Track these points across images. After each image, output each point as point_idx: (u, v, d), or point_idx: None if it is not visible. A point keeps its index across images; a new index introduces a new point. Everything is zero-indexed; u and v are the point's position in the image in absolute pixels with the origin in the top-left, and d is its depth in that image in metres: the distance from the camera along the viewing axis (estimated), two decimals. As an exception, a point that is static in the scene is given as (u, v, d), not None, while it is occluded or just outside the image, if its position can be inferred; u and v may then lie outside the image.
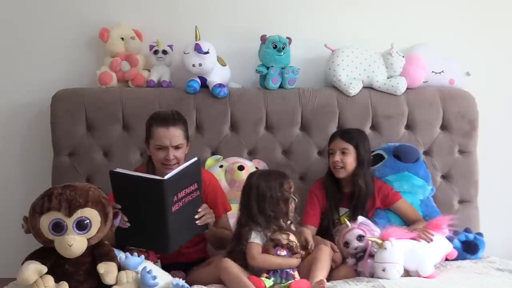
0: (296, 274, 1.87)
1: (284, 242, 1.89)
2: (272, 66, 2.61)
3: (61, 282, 1.56)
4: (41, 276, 1.53)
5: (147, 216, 1.83)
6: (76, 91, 2.60)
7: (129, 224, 1.82)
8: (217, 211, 2.10)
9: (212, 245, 2.21)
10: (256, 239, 1.92)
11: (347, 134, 2.32)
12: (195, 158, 1.93)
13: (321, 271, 1.84)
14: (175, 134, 2.07)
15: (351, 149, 2.27)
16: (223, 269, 1.85)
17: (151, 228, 1.84)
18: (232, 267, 1.85)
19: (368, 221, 2.08)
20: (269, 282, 1.81)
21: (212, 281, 1.88)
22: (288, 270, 1.85)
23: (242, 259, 1.91)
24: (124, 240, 1.90)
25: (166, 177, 1.78)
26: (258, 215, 1.94)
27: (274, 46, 2.59)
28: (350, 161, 2.26)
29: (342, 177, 2.28)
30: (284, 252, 1.89)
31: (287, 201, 1.97)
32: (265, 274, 1.84)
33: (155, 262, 1.98)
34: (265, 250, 1.91)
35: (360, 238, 1.99)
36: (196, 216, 1.94)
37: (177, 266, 2.04)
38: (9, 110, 2.78)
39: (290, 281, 1.81)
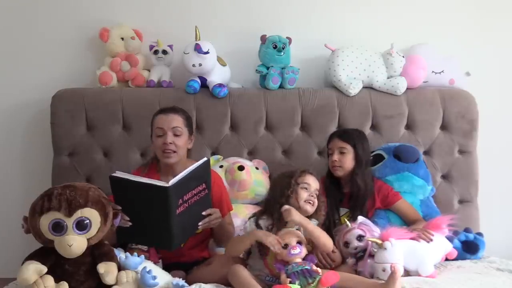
0: (319, 268, 1.77)
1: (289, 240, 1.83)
2: (272, 66, 2.61)
3: (61, 282, 1.56)
4: (41, 276, 1.53)
5: (149, 218, 1.79)
6: (76, 91, 2.61)
7: (130, 224, 1.79)
8: (222, 210, 2.11)
9: (216, 237, 2.21)
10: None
11: (344, 133, 2.34)
12: (205, 158, 1.90)
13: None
14: (174, 118, 2.11)
15: (349, 149, 2.28)
16: (231, 273, 1.80)
17: (154, 228, 1.80)
18: (241, 271, 1.80)
19: (368, 221, 2.08)
20: (295, 287, 1.70)
21: (212, 281, 1.87)
22: (308, 266, 1.76)
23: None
24: (125, 238, 1.89)
25: (170, 183, 1.71)
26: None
27: (274, 46, 2.59)
28: (348, 160, 2.27)
29: (340, 175, 2.29)
30: (297, 250, 1.81)
31: (290, 190, 1.94)
32: (289, 279, 1.72)
33: (156, 262, 1.97)
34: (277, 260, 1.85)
35: (360, 238, 1.99)
36: (200, 223, 1.94)
37: (178, 266, 2.03)
38: (9, 110, 2.78)
39: (318, 278, 1.72)
